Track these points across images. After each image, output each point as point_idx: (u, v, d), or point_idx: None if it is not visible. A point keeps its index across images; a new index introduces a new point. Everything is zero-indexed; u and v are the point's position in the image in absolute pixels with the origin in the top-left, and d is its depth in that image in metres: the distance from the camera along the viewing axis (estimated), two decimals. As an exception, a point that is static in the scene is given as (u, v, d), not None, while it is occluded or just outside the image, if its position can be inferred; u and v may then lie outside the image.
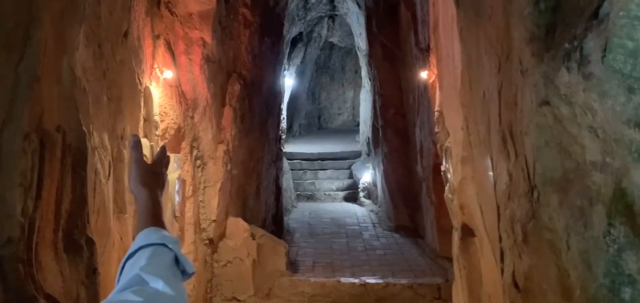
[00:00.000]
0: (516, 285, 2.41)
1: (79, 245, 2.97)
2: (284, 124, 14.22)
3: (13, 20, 2.56)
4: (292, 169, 14.94)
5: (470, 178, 3.59)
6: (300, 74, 18.60)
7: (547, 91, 1.98)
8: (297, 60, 17.63)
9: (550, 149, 1.99)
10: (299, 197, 14.71)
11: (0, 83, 2.55)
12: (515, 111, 2.27)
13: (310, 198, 14.95)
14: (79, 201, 2.99)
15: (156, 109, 4.99)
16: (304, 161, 16.00)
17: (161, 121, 5.25)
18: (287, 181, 13.34)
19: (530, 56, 2.08)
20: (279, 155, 11.67)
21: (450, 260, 5.95)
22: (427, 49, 7.25)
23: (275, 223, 10.20)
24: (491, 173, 2.74)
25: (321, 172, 15.74)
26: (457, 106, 3.75)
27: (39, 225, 2.64)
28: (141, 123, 4.64)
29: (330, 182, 15.44)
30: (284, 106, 14.34)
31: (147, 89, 4.80)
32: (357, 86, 20.59)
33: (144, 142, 4.67)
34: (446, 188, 4.68)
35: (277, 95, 11.56)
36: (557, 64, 1.94)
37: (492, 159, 2.73)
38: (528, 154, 2.15)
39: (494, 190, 2.71)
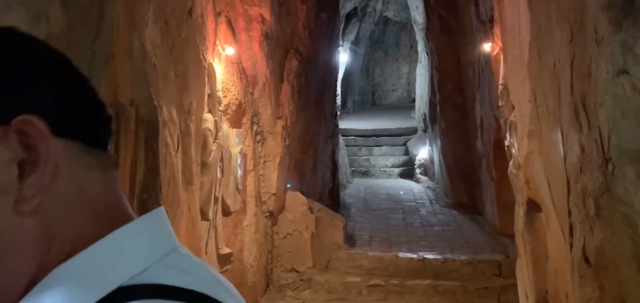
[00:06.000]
0: (587, 260, 2.37)
1: (152, 214, 3.11)
2: (338, 100, 14.21)
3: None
4: (347, 146, 14.92)
5: (537, 152, 3.51)
6: (354, 50, 18.49)
7: (625, 60, 1.92)
8: (351, 35, 17.51)
9: (627, 120, 1.94)
10: (353, 173, 14.71)
11: (78, 59, 2.68)
12: (589, 81, 2.20)
13: (366, 174, 14.92)
14: (152, 172, 3.13)
15: (219, 85, 5.11)
16: (358, 138, 15.95)
17: (223, 97, 5.37)
18: (342, 157, 13.37)
19: (607, 24, 2.01)
20: (334, 131, 11.71)
21: (510, 237, 5.83)
22: (490, 21, 7.05)
23: (331, 198, 10.27)
24: (561, 146, 2.67)
25: (376, 148, 15.67)
26: (523, 78, 3.65)
27: (116, 195, 2.78)
28: (205, 98, 4.77)
29: (385, 158, 15.35)
30: (338, 83, 14.31)
31: (210, 65, 4.92)
32: (412, 61, 20.19)
33: (208, 117, 4.81)
34: (510, 163, 4.58)
35: (332, 71, 11.56)
36: (637, 31, 1.87)
37: (562, 132, 2.66)
38: (602, 126, 2.09)
39: (564, 164, 2.65)
